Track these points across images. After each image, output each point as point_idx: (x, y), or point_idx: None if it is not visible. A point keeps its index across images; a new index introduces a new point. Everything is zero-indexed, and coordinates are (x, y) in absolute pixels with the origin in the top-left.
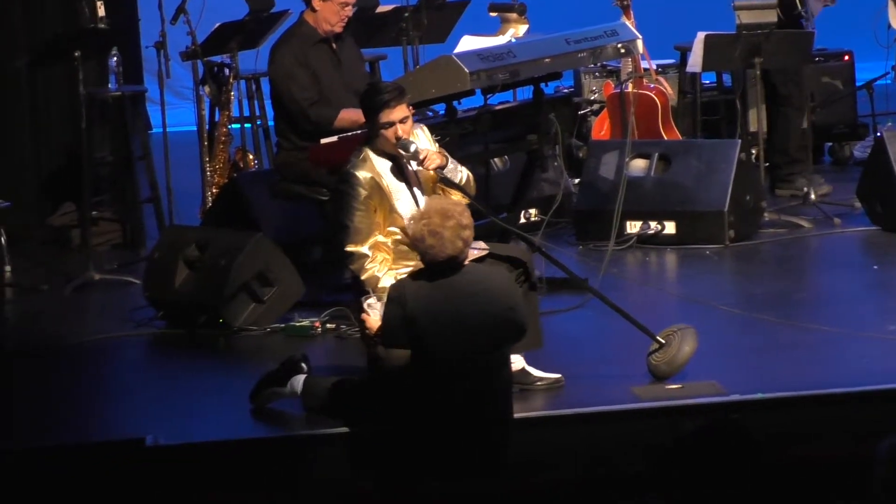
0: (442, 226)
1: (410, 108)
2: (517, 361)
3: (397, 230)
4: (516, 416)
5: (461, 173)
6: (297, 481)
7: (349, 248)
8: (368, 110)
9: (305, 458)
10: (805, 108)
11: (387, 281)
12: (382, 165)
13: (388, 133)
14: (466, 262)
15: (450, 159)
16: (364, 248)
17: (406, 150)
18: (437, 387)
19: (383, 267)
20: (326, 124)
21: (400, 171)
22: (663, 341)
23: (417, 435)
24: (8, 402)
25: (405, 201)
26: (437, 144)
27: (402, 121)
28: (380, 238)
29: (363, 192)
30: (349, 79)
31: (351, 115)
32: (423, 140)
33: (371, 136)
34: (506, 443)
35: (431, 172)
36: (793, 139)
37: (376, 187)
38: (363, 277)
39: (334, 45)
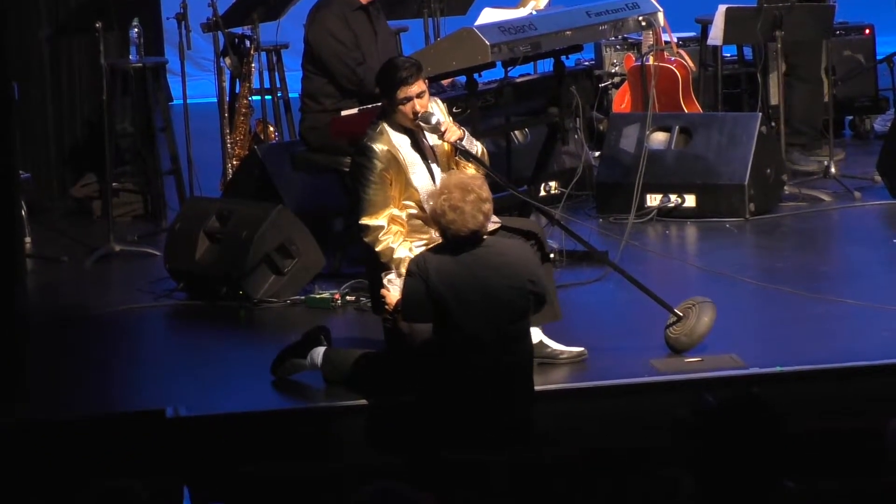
0: (463, 200)
1: (426, 81)
2: (534, 334)
3: (412, 204)
4: (536, 388)
5: (476, 146)
6: (317, 453)
7: (364, 221)
8: (386, 86)
9: (325, 429)
10: (814, 81)
11: (401, 252)
12: (399, 139)
13: (406, 108)
14: (485, 237)
15: (466, 132)
16: (378, 221)
17: (427, 122)
18: (461, 359)
19: (398, 238)
20: (371, 88)
21: (416, 145)
22: (681, 314)
23: (442, 407)
24: (28, 373)
25: (421, 175)
26: (451, 117)
27: (419, 95)
28: (395, 212)
29: (379, 165)
30: (383, 49)
31: None
32: (437, 112)
33: (388, 111)
34: (529, 413)
35: (448, 146)
36: (795, 110)
37: (393, 160)
38: (378, 249)
39: (371, 15)
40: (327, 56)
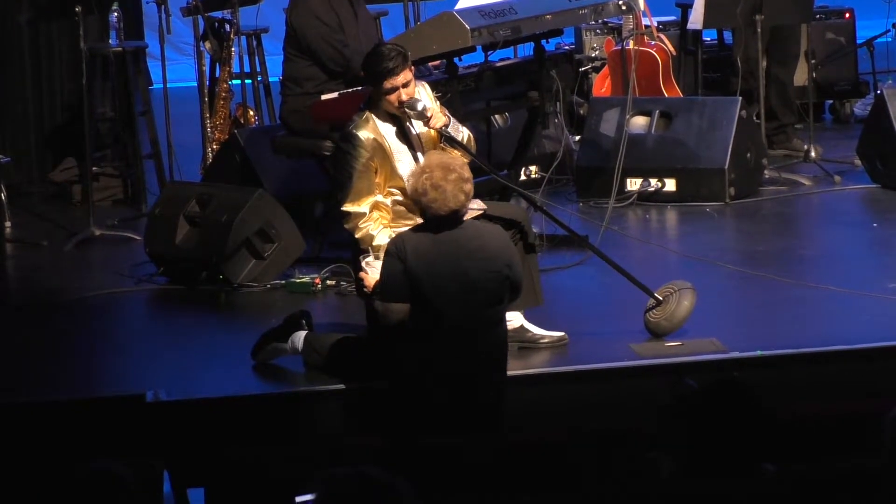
0: (444, 179)
1: (412, 69)
2: (515, 318)
3: (396, 191)
4: (516, 373)
5: (462, 132)
6: (298, 437)
7: (346, 208)
8: (372, 76)
9: (306, 413)
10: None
11: (381, 239)
12: (385, 127)
13: (392, 97)
14: (465, 219)
15: (452, 118)
16: (360, 208)
17: (413, 108)
18: (434, 341)
19: (377, 226)
20: (357, 69)
21: (402, 133)
22: (661, 298)
23: (413, 389)
24: (9, 356)
25: (406, 163)
26: (438, 102)
27: (405, 85)
28: (379, 198)
29: (365, 154)
30: (365, 36)
31: None
32: (424, 97)
33: (374, 99)
34: (501, 399)
35: (434, 132)
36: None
37: (378, 148)
38: (357, 236)
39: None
40: (313, 38)
